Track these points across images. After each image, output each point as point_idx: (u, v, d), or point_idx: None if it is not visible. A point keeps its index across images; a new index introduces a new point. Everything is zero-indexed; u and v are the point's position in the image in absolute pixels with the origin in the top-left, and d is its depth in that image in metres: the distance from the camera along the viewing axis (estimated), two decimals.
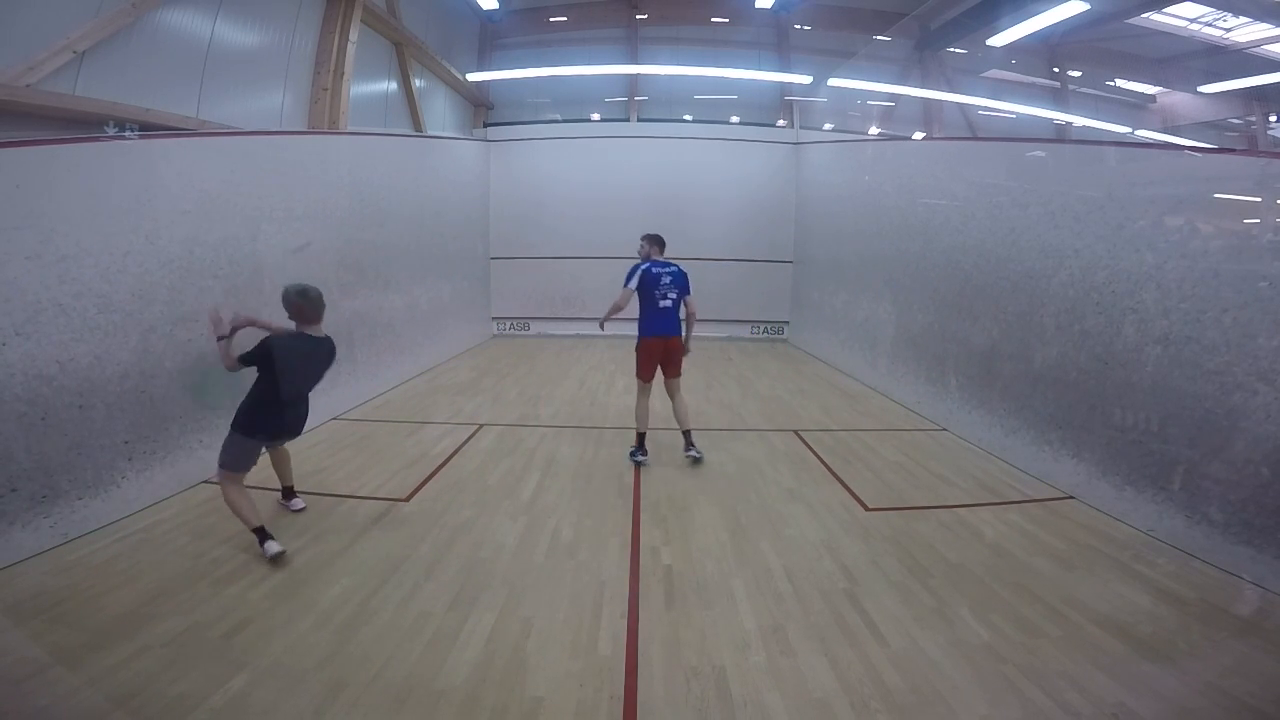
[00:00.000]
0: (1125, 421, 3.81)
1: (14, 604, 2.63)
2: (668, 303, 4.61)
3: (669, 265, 4.70)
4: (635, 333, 4.68)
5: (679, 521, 3.69)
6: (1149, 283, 3.72)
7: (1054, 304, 4.46)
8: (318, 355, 3.37)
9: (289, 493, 3.75)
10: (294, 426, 3.40)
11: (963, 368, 5.62)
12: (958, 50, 11.42)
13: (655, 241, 4.80)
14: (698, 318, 4.86)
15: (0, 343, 2.98)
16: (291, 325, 3.30)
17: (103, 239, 3.56)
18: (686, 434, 4.72)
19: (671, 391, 4.74)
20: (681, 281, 4.69)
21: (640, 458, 4.59)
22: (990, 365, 5.20)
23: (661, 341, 4.62)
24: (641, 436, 4.66)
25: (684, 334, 4.75)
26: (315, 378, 3.41)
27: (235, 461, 3.15)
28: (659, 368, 4.69)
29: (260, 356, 3.08)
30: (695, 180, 11.12)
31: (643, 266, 4.60)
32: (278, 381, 3.10)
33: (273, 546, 3.04)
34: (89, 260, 3.45)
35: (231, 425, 3.17)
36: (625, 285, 4.52)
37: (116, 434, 3.56)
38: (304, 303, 3.28)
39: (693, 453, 4.65)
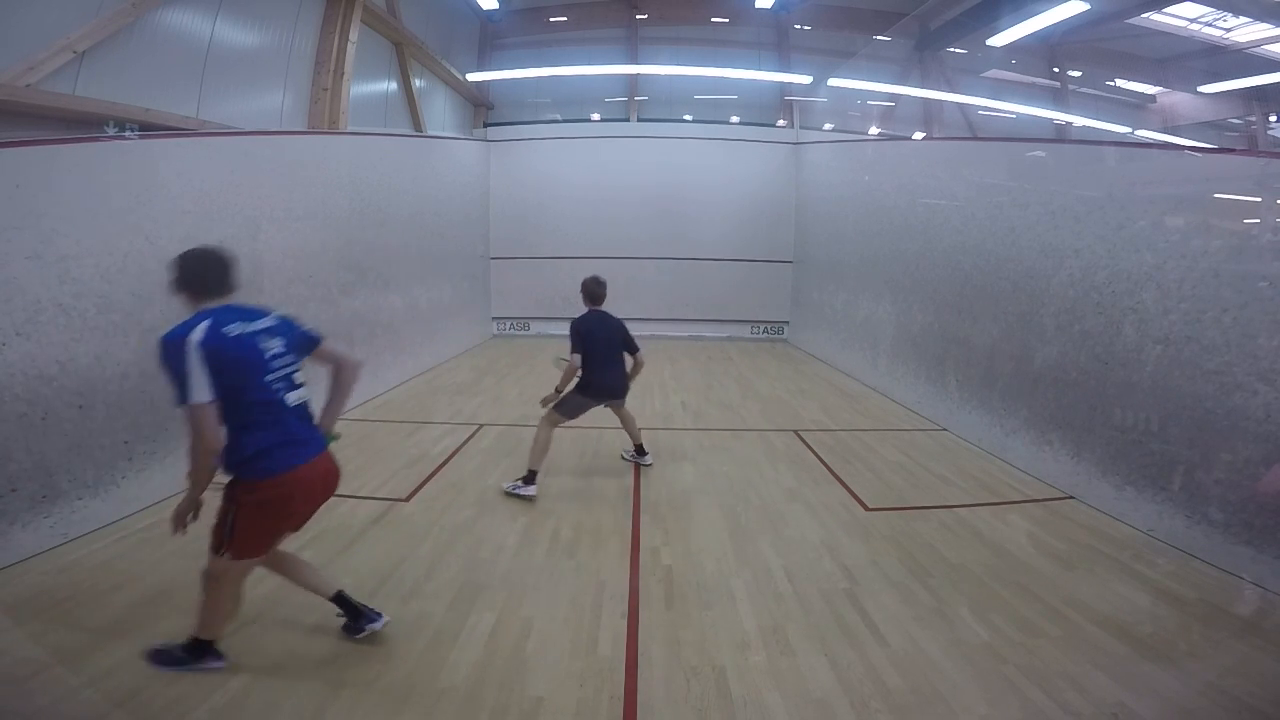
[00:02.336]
0: (1125, 421, 3.81)
1: (14, 604, 2.63)
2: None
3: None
4: (638, 332, 4.57)
5: (679, 521, 3.69)
6: (1149, 283, 3.72)
7: (1054, 304, 4.46)
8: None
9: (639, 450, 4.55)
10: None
11: (963, 368, 5.62)
12: (958, 50, 11.42)
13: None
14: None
15: (0, 343, 2.98)
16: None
17: (103, 239, 3.56)
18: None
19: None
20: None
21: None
22: (990, 365, 5.20)
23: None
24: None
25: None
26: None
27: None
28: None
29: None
30: (695, 180, 11.12)
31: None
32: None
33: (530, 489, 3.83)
34: (89, 260, 3.45)
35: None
36: (190, 400, 2.01)
37: (116, 434, 3.56)
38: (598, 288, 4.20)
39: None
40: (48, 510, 3.14)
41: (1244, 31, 8.86)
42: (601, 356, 4.14)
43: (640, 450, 4.61)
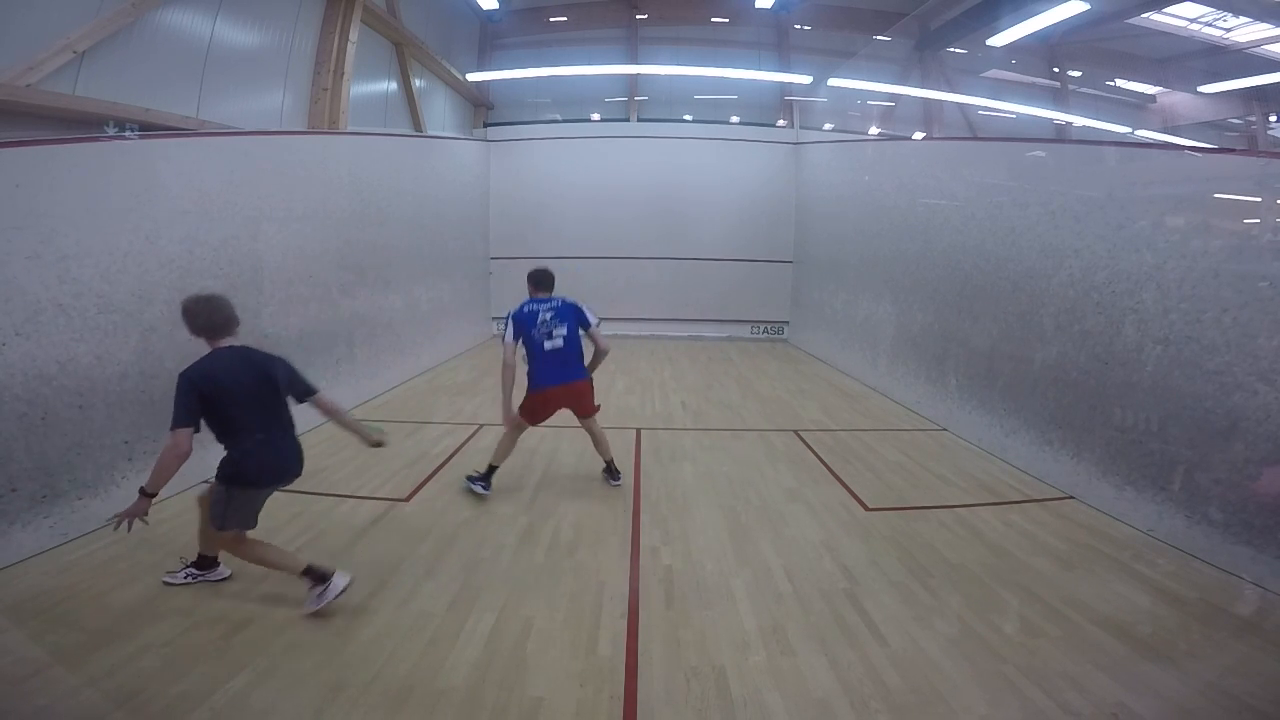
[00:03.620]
0: (1125, 421, 3.81)
1: (14, 604, 2.63)
2: (556, 341, 3.83)
3: (550, 299, 3.95)
4: (638, 332, 4.55)
5: (679, 521, 3.69)
6: (1149, 283, 3.72)
7: (1054, 304, 4.46)
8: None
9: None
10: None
11: (963, 368, 5.62)
12: (958, 50, 11.43)
13: (534, 280, 4.04)
14: (608, 352, 4.09)
15: (0, 343, 2.98)
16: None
17: (103, 239, 3.56)
18: (609, 464, 4.22)
19: (588, 429, 4.18)
20: (569, 314, 3.90)
21: (480, 488, 3.94)
22: (990, 365, 5.20)
23: (559, 391, 3.91)
24: (493, 469, 3.99)
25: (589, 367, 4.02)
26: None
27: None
28: (558, 412, 4.05)
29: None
30: (695, 180, 11.13)
31: (514, 311, 3.87)
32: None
33: (340, 580, 2.62)
34: (89, 260, 3.45)
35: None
36: (504, 340, 3.56)
37: (116, 434, 3.56)
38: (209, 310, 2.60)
39: (614, 481, 4.20)
40: (48, 510, 3.14)
41: (1244, 31, 8.86)
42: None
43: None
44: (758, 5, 10.51)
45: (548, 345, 3.82)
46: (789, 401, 6.81)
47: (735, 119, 11.94)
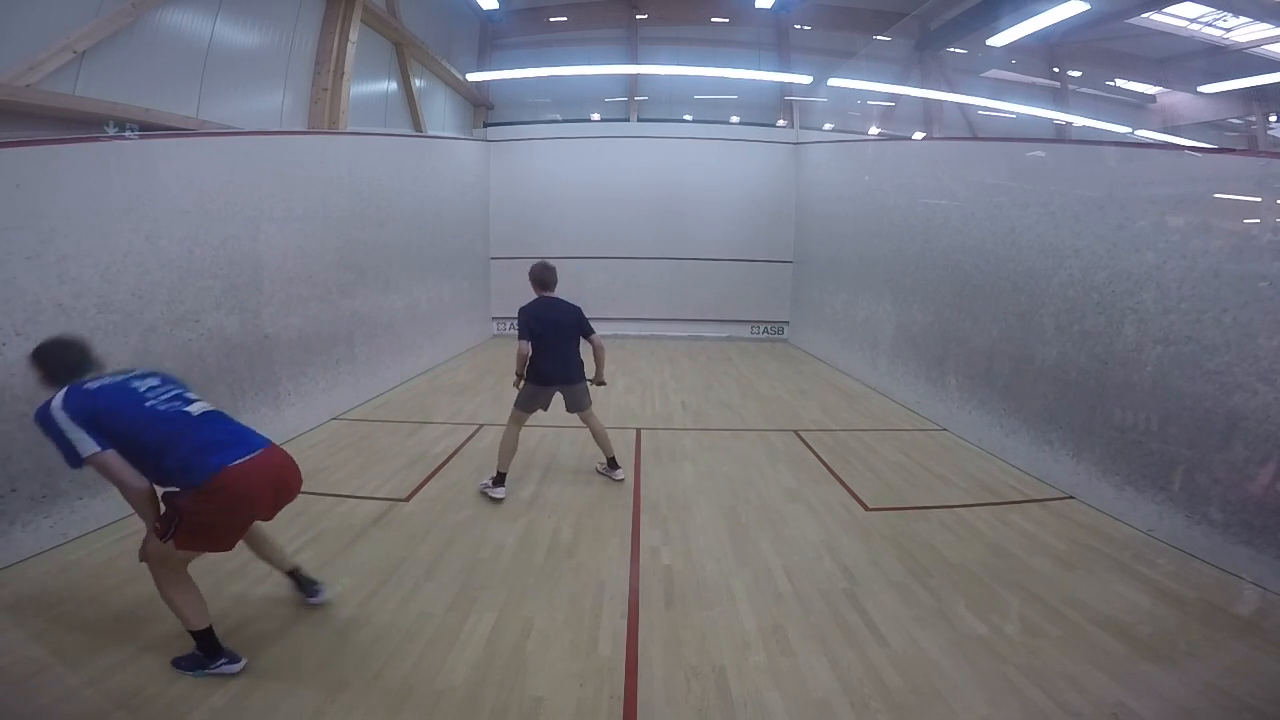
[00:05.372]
0: (1125, 421, 3.81)
1: (14, 604, 2.63)
2: (200, 404, 2.43)
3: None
4: (638, 332, 4.59)
5: (679, 521, 3.69)
6: (1149, 283, 3.72)
7: (1054, 304, 4.46)
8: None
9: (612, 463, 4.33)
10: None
11: (963, 368, 5.62)
12: (958, 50, 11.43)
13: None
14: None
15: (0, 343, 2.98)
16: None
17: (103, 239, 3.56)
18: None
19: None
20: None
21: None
22: (990, 365, 5.20)
23: (259, 466, 2.44)
24: (208, 632, 2.51)
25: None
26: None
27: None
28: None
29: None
30: (695, 180, 11.13)
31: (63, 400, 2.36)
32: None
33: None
34: (89, 260, 3.45)
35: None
36: (83, 454, 2.17)
37: None
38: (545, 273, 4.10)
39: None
40: (48, 510, 3.14)
41: (1244, 31, 8.86)
42: (549, 342, 4.02)
43: (612, 463, 4.34)
44: (758, 5, 10.51)
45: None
46: (789, 401, 6.81)
47: (735, 119, 11.94)
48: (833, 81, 11.77)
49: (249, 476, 2.10)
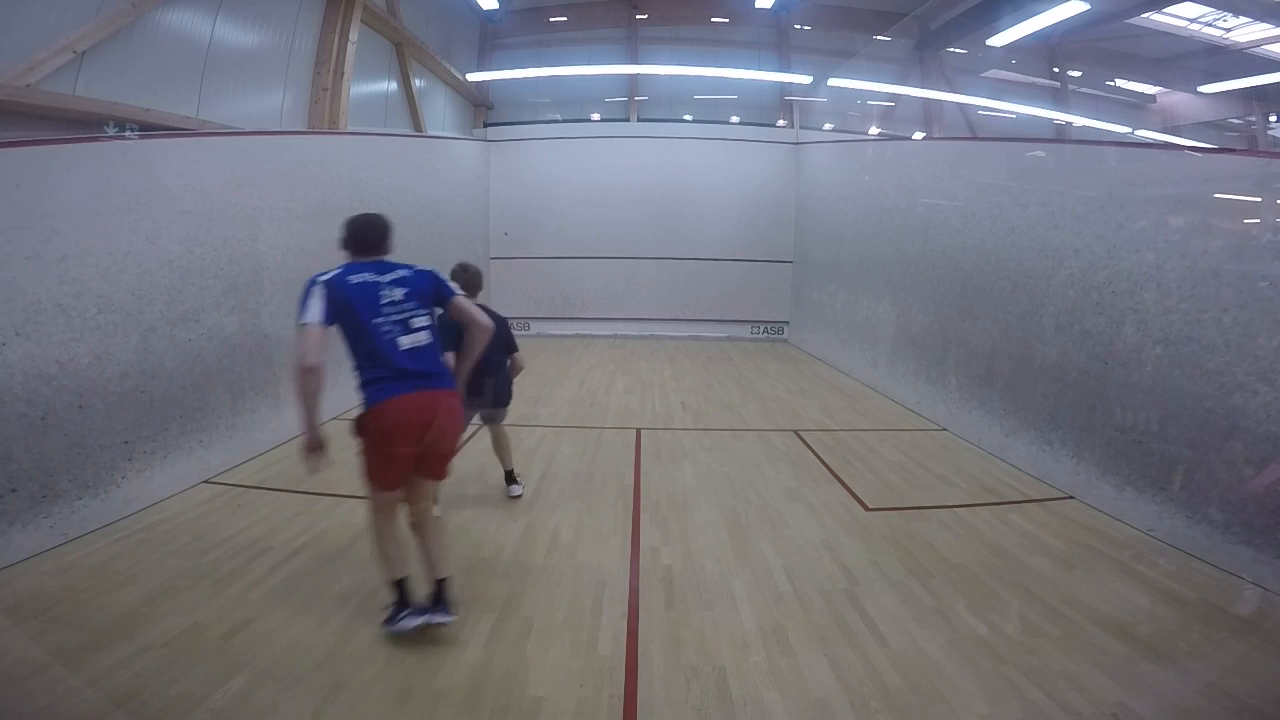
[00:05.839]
0: (1125, 421, 3.81)
1: (14, 604, 2.62)
2: (417, 337, 2.40)
3: (390, 267, 2.52)
4: (638, 332, 4.35)
5: (679, 521, 3.69)
6: (1149, 283, 3.72)
7: (1054, 304, 4.45)
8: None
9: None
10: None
11: (963, 368, 5.62)
12: (958, 50, 11.44)
13: (355, 233, 2.62)
14: (484, 332, 2.64)
15: (0, 343, 2.98)
16: None
17: (103, 239, 3.56)
18: (441, 583, 2.52)
19: (419, 519, 2.62)
20: (424, 284, 2.52)
21: (407, 622, 2.40)
22: (990, 365, 5.20)
23: (415, 403, 2.37)
24: (400, 584, 2.45)
25: (464, 360, 2.71)
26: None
27: None
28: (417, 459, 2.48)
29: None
30: (695, 180, 11.13)
31: (328, 277, 2.41)
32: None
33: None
34: (89, 260, 3.45)
35: None
36: (303, 319, 2.30)
37: (116, 434, 3.56)
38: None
39: (444, 618, 2.46)
40: (48, 510, 3.13)
41: (1244, 31, 8.86)
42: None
43: (510, 478, 3.94)
44: (758, 5, 10.52)
45: (403, 341, 2.42)
46: (789, 401, 6.81)
47: (735, 119, 11.95)
48: (833, 81, 11.78)
49: (398, 410, 2.33)
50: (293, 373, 2.26)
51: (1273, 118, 9.67)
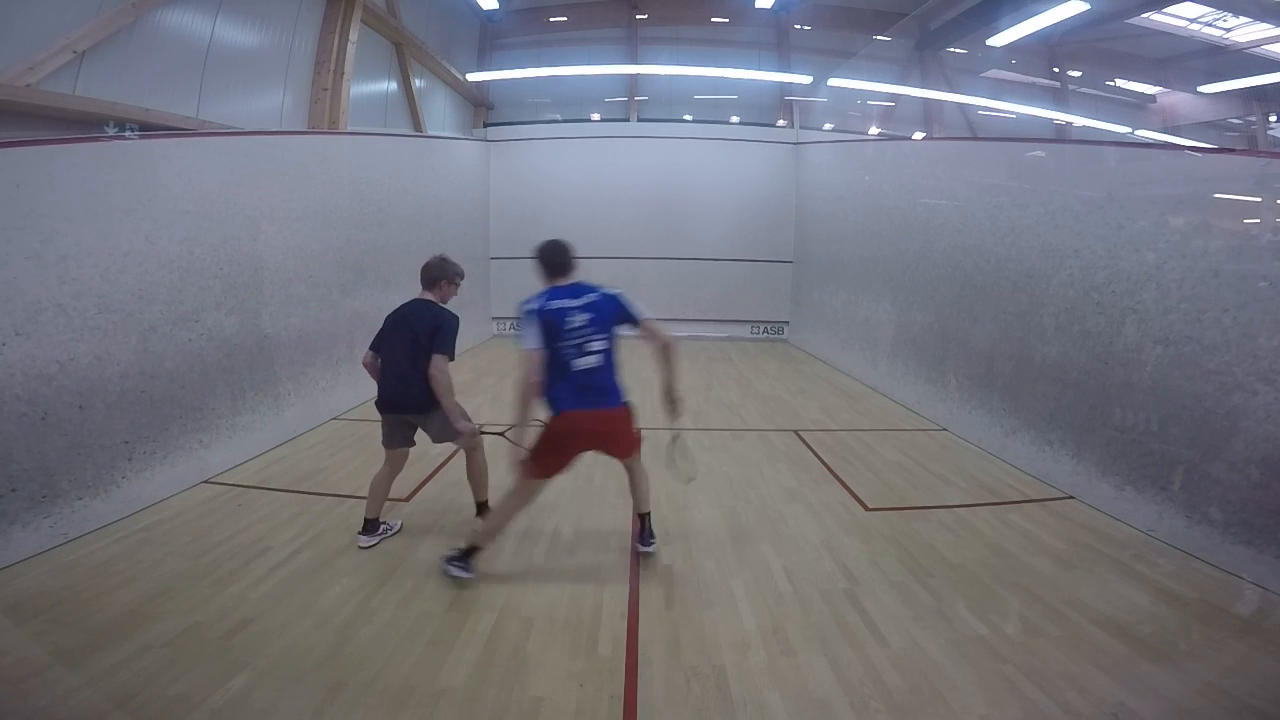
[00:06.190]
0: (1125, 421, 3.81)
1: (14, 604, 2.63)
2: (589, 360, 2.74)
3: (582, 290, 2.83)
4: (633, 333, 3.83)
5: (679, 521, 3.69)
6: (1149, 283, 3.72)
7: (1054, 304, 4.45)
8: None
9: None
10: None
11: (963, 368, 5.62)
12: (958, 50, 11.44)
13: (544, 259, 2.93)
14: (672, 345, 2.93)
15: (0, 343, 2.98)
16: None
17: (103, 239, 3.56)
18: (643, 517, 3.19)
19: (629, 469, 3.19)
20: (610, 310, 2.81)
21: (460, 571, 2.87)
22: (990, 365, 5.20)
23: (587, 418, 2.78)
24: (479, 550, 2.94)
25: (666, 373, 3.01)
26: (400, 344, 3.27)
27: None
28: (583, 453, 2.93)
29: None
30: (695, 180, 11.13)
31: (535, 306, 2.78)
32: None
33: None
34: (89, 260, 3.45)
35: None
36: (524, 346, 2.72)
37: (116, 434, 3.56)
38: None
39: (648, 547, 3.14)
40: (48, 510, 3.14)
41: (1244, 31, 8.86)
42: (387, 354, 3.28)
43: (370, 525, 3.30)
44: (758, 5, 10.52)
45: (578, 363, 2.77)
46: (789, 401, 6.81)
47: (735, 119, 11.95)
48: (833, 81, 11.77)
49: (573, 423, 2.76)
50: (518, 386, 2.73)
51: (1273, 118, 9.67)
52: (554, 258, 2.88)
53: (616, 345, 2.84)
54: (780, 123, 11.82)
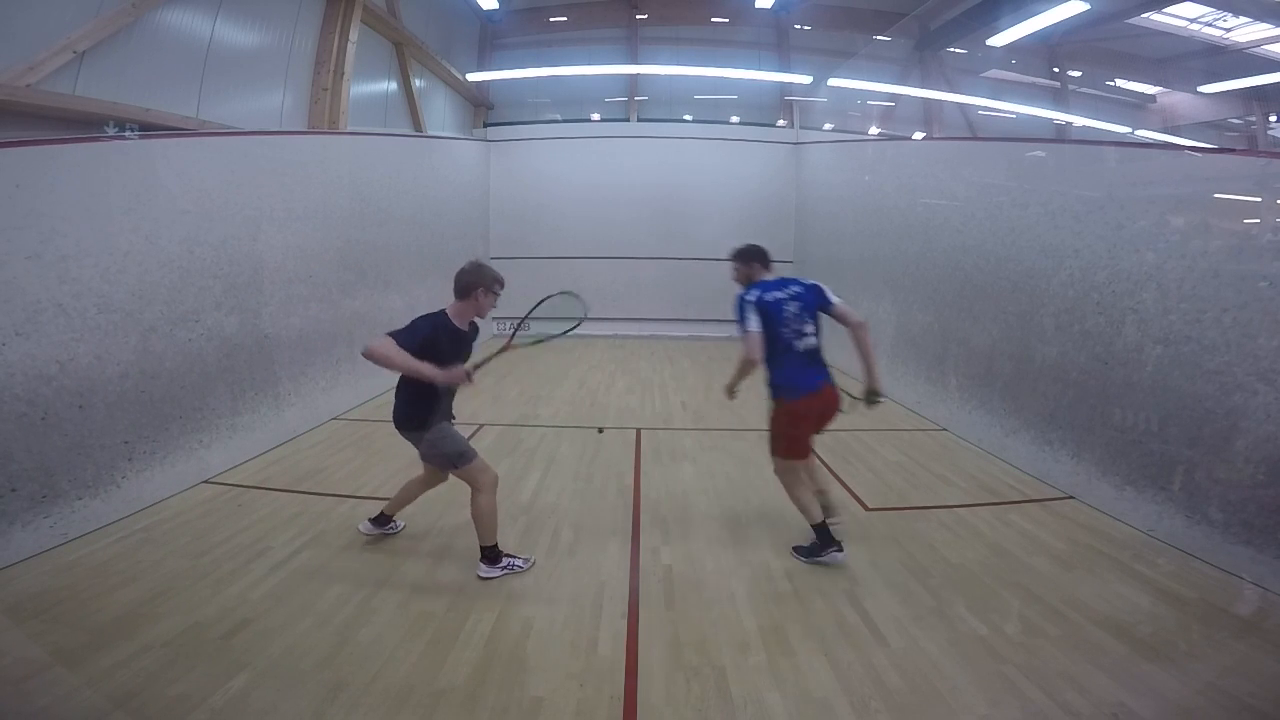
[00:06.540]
0: (1125, 421, 3.80)
1: (14, 604, 2.63)
2: (809, 340, 3.11)
3: (788, 283, 3.17)
4: (638, 332, 4.40)
5: (679, 521, 3.69)
6: (1149, 283, 3.72)
7: (1054, 304, 4.45)
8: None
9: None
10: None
11: (963, 368, 5.62)
12: (958, 50, 11.43)
13: (751, 257, 3.26)
14: (866, 326, 3.18)
15: (0, 343, 2.98)
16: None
17: (103, 239, 3.56)
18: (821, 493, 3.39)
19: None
20: (812, 299, 3.14)
21: (831, 557, 3.11)
22: (990, 365, 5.19)
23: (816, 399, 3.14)
24: (822, 526, 3.14)
25: (865, 362, 3.19)
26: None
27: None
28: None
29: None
30: (695, 180, 11.13)
31: (752, 296, 3.11)
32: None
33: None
34: (89, 260, 3.45)
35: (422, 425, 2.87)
36: (744, 330, 3.05)
37: (116, 434, 3.56)
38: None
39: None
40: (48, 510, 3.14)
41: (1244, 31, 8.86)
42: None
43: (381, 520, 3.33)
44: (758, 5, 10.52)
45: (799, 345, 3.11)
46: None
47: (735, 119, 11.95)
48: (833, 81, 11.77)
49: (808, 404, 3.13)
50: (740, 363, 3.11)
51: (1273, 118, 9.66)
52: (762, 256, 3.25)
53: (821, 328, 3.17)
54: (780, 123, 11.82)
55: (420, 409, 2.89)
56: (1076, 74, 11.24)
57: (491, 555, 2.99)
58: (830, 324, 3.18)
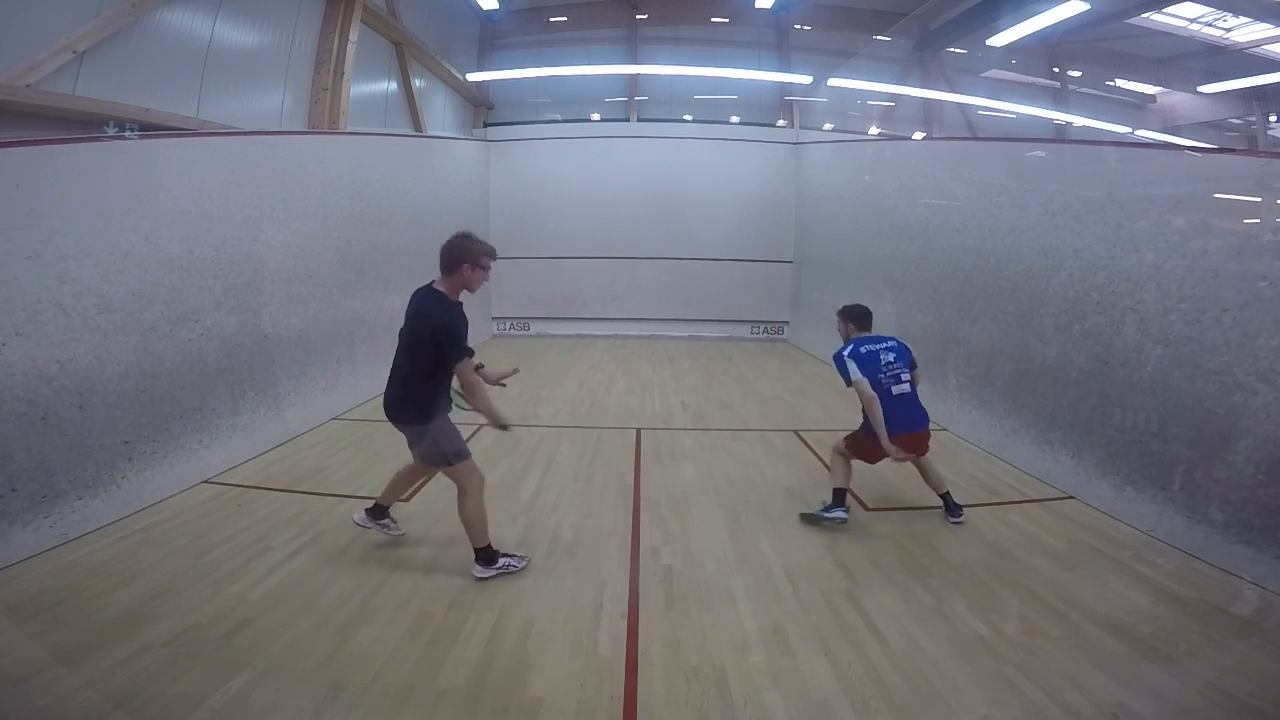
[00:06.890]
0: (1125, 421, 3.80)
1: (14, 604, 2.63)
2: (903, 386, 3.53)
3: (884, 339, 3.71)
4: (638, 332, 4.45)
5: (679, 521, 3.69)
6: (1149, 283, 3.72)
7: (1054, 304, 4.45)
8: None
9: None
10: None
11: (963, 368, 5.62)
12: (958, 50, 11.43)
13: (849, 316, 3.83)
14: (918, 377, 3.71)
15: (0, 343, 2.98)
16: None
17: (103, 239, 3.56)
18: (944, 496, 3.76)
19: (922, 465, 3.78)
20: (906, 353, 3.66)
21: (838, 515, 3.59)
22: (990, 365, 5.19)
23: (906, 439, 3.48)
24: (844, 491, 3.65)
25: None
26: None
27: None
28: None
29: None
30: (695, 180, 11.13)
31: (847, 350, 3.60)
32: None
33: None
34: (89, 260, 3.45)
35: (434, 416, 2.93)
36: (851, 380, 3.51)
37: (116, 434, 3.56)
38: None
39: (958, 518, 3.70)
40: (48, 510, 3.14)
41: (1244, 31, 8.85)
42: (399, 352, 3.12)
43: (377, 511, 3.30)
44: (758, 5, 10.52)
45: (895, 390, 3.51)
46: (789, 401, 6.81)
47: (735, 119, 11.95)
48: (833, 81, 11.77)
49: (900, 441, 3.42)
50: (869, 404, 3.41)
51: (1273, 118, 9.66)
52: (865, 316, 3.80)
53: (915, 378, 3.62)
54: (780, 123, 11.82)
55: (426, 401, 2.91)
56: (1076, 74, 11.24)
57: (486, 556, 2.97)
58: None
